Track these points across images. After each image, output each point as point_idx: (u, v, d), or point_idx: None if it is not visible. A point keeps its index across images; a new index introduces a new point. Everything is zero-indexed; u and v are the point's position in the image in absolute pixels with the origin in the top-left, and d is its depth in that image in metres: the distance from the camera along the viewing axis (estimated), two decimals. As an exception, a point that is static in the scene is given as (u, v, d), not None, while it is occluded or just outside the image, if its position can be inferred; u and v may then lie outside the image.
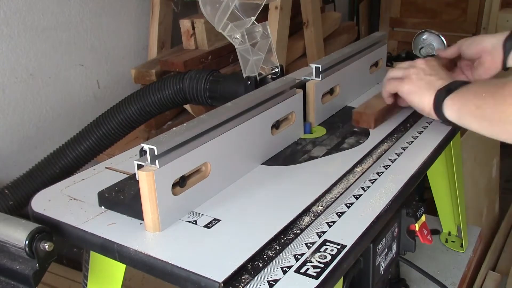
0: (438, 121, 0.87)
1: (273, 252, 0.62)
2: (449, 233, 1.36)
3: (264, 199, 0.74)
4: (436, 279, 1.09)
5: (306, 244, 0.63)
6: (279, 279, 0.57)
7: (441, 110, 0.84)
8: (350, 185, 0.77)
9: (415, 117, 0.99)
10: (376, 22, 3.33)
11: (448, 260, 1.28)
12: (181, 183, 0.68)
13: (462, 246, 1.32)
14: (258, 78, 0.94)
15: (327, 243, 0.63)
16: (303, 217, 0.69)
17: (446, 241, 1.35)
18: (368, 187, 0.76)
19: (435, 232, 1.37)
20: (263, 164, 0.84)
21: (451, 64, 1.07)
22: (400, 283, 1.10)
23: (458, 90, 0.83)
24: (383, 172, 0.81)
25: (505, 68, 0.99)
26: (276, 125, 0.87)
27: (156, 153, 0.62)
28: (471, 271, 1.32)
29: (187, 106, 1.64)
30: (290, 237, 0.65)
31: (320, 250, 0.62)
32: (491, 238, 1.73)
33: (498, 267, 1.59)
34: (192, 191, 0.70)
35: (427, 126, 0.97)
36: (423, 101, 0.86)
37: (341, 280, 0.68)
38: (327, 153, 0.87)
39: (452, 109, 0.83)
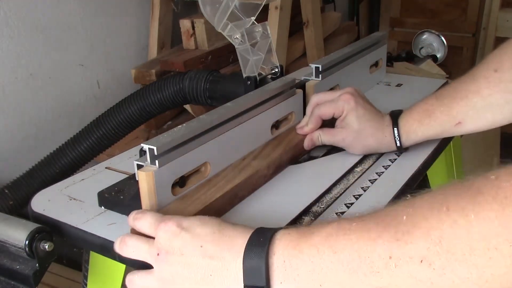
0: None
1: (273, 252, 0.61)
2: (449, 233, 1.36)
3: (263, 199, 0.74)
4: (436, 279, 1.09)
5: (306, 244, 0.63)
6: (279, 279, 0.57)
7: None
8: (350, 185, 0.77)
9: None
10: (376, 22, 3.32)
11: (448, 260, 1.28)
12: (181, 183, 0.68)
13: (462, 246, 1.32)
14: (258, 78, 0.94)
15: (327, 243, 0.63)
16: (303, 217, 0.69)
17: (446, 241, 1.35)
18: (368, 187, 0.76)
19: (435, 232, 1.36)
20: (263, 164, 0.84)
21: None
22: (400, 283, 1.10)
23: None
24: (383, 172, 0.81)
25: (400, 148, 0.82)
26: (276, 125, 0.87)
27: (156, 153, 0.62)
28: (471, 271, 1.31)
29: (187, 106, 1.64)
30: (290, 237, 0.65)
31: (320, 250, 0.62)
32: (491, 238, 1.73)
33: (498, 267, 1.59)
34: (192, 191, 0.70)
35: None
36: None
37: (341, 280, 0.68)
38: (327, 153, 0.87)
39: None
